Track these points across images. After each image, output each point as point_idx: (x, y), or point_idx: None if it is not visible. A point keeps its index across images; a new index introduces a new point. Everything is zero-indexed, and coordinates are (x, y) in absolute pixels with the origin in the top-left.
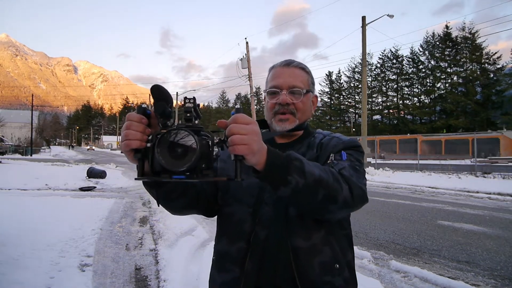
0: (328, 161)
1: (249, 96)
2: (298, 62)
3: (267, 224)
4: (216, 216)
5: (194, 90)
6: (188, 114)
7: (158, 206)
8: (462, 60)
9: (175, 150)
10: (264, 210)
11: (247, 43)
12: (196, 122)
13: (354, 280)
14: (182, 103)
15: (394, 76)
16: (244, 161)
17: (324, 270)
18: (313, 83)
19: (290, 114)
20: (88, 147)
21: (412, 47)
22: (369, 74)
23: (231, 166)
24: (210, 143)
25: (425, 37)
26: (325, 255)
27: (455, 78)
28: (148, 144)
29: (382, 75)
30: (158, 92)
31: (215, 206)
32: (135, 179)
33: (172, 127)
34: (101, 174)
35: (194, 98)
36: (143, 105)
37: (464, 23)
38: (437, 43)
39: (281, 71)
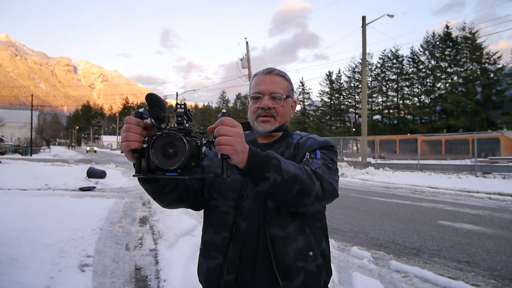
0: (304, 159)
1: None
2: (279, 70)
3: (248, 215)
4: (202, 210)
5: (194, 90)
6: (179, 118)
7: (154, 199)
8: (462, 60)
9: (167, 150)
10: (245, 203)
11: (247, 43)
12: (187, 125)
13: (328, 268)
14: (174, 108)
15: (394, 76)
16: (229, 160)
17: (298, 256)
18: (292, 89)
19: (271, 117)
20: (88, 147)
21: (412, 47)
22: (369, 74)
23: (217, 164)
24: (198, 144)
25: (425, 37)
26: (299, 243)
27: (455, 78)
28: (145, 145)
29: (382, 75)
30: (152, 99)
31: (202, 200)
32: (133, 175)
33: (164, 131)
34: (101, 174)
35: (184, 104)
36: (140, 110)
37: (465, 23)
38: (437, 43)
39: (263, 78)
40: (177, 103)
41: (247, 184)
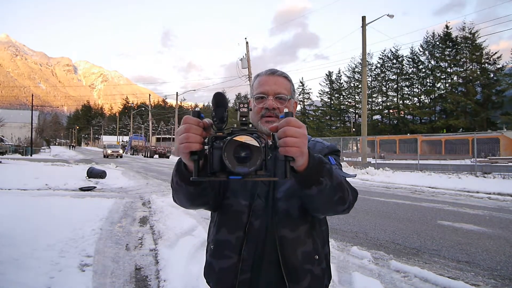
0: None
1: (249, 96)
2: (282, 72)
3: (260, 214)
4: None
5: (194, 90)
6: (244, 118)
7: (184, 201)
8: (462, 60)
9: (240, 153)
10: (257, 202)
11: (247, 43)
12: (250, 125)
13: (329, 272)
14: (237, 107)
15: (394, 76)
16: (292, 162)
17: (305, 259)
18: (294, 90)
19: (275, 117)
20: (109, 150)
21: (412, 47)
22: (369, 74)
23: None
24: (265, 146)
25: (425, 37)
26: (308, 247)
27: (455, 78)
28: (206, 147)
29: (382, 75)
30: (220, 99)
31: (220, 201)
32: (192, 179)
33: (232, 131)
34: (101, 174)
35: (248, 103)
36: (196, 109)
37: (464, 23)
38: (437, 43)
39: (267, 79)
40: (240, 102)
41: (258, 183)
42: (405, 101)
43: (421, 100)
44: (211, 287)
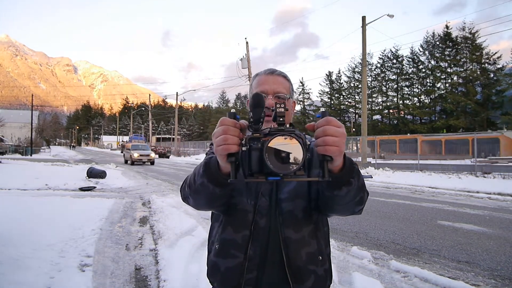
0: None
1: (248, 96)
2: (280, 71)
3: (265, 213)
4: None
5: (194, 90)
6: (281, 119)
7: (203, 203)
8: (462, 60)
9: (282, 154)
10: (261, 201)
11: (247, 43)
12: (288, 125)
13: (331, 272)
14: (273, 107)
15: (394, 76)
16: (329, 162)
17: (310, 260)
18: (292, 90)
19: None
20: (136, 153)
21: (412, 47)
22: (369, 74)
23: None
24: (305, 145)
25: (425, 37)
26: (312, 247)
27: (455, 78)
28: (244, 148)
29: (382, 75)
30: (259, 100)
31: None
32: (230, 181)
33: (270, 132)
34: (101, 174)
35: (284, 103)
36: (232, 110)
37: (464, 23)
38: (437, 43)
39: (266, 78)
40: (276, 102)
41: (262, 182)
42: (405, 101)
43: (421, 100)
44: (215, 287)
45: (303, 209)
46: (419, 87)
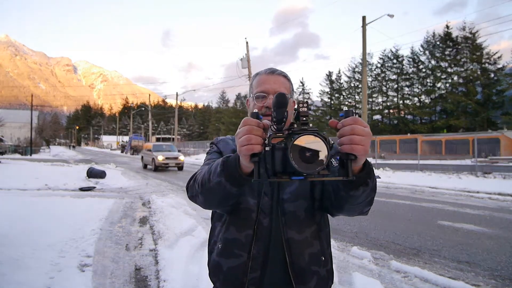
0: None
1: (248, 95)
2: (281, 71)
3: (267, 213)
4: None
5: (194, 90)
6: (304, 118)
7: (215, 202)
8: (462, 60)
9: (307, 154)
10: (264, 201)
11: (247, 43)
12: (311, 125)
13: (333, 273)
14: (296, 107)
15: (394, 76)
16: (352, 161)
17: (313, 261)
18: (293, 90)
19: None
20: (160, 156)
21: (412, 47)
22: (369, 74)
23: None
24: (329, 144)
25: (426, 37)
26: (315, 248)
27: (455, 78)
28: (267, 148)
29: (382, 75)
30: (282, 99)
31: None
32: (253, 180)
33: (293, 131)
34: (101, 174)
35: (307, 102)
36: (255, 111)
37: (465, 23)
38: (438, 43)
39: (267, 78)
40: (300, 102)
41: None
42: (405, 101)
43: (422, 100)
44: (217, 287)
45: (306, 209)
46: (419, 87)
